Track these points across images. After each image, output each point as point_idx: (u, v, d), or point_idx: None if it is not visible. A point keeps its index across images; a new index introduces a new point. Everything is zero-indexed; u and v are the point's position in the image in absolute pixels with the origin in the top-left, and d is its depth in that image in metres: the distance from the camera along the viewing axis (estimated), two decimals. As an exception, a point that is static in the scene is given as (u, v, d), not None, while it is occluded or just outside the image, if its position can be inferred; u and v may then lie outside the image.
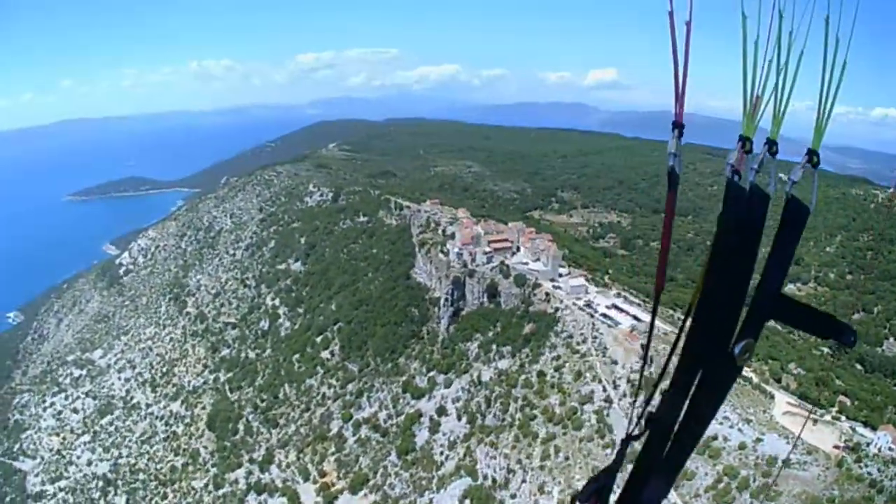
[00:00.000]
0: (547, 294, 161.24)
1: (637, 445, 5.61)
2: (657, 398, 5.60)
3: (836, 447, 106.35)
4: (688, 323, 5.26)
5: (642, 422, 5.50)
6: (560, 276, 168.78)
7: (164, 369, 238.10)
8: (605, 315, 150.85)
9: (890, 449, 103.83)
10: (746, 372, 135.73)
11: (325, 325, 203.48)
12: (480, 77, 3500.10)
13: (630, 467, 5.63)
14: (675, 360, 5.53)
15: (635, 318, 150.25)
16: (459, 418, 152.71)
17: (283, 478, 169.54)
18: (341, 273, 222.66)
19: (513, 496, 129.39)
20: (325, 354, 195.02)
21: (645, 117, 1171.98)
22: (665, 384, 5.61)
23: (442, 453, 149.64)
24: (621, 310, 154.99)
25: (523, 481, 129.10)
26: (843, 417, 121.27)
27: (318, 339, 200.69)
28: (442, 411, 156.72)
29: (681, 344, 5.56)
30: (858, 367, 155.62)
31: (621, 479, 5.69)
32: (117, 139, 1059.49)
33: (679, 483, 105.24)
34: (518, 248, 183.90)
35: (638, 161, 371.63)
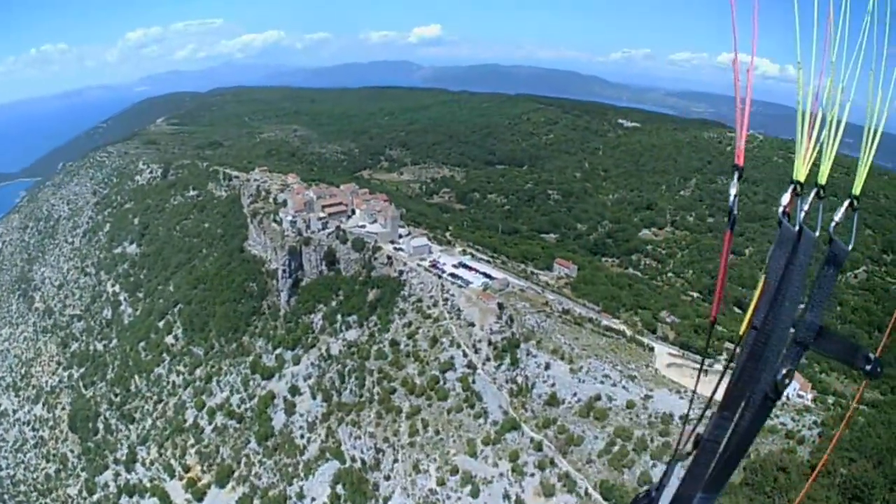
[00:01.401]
0: (389, 257, 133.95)
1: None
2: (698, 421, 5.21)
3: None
4: (738, 352, 4.97)
5: (690, 442, 5.11)
6: (400, 237, 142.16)
7: (23, 371, 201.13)
8: (453, 275, 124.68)
9: (800, 396, 77.94)
10: (617, 325, 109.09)
11: (165, 309, 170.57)
12: (303, 41, 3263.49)
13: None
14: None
15: (486, 275, 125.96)
16: (314, 397, 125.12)
17: (149, 476, 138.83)
18: (176, 252, 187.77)
19: (386, 477, 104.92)
20: (169, 340, 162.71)
21: (469, 71, 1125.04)
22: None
23: (303, 436, 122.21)
24: (470, 268, 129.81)
25: (395, 461, 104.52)
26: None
27: (161, 324, 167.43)
28: (295, 391, 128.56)
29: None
30: (737, 310, 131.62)
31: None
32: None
33: (567, 450, 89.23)
34: (353, 211, 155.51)
35: (466, 114, 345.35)
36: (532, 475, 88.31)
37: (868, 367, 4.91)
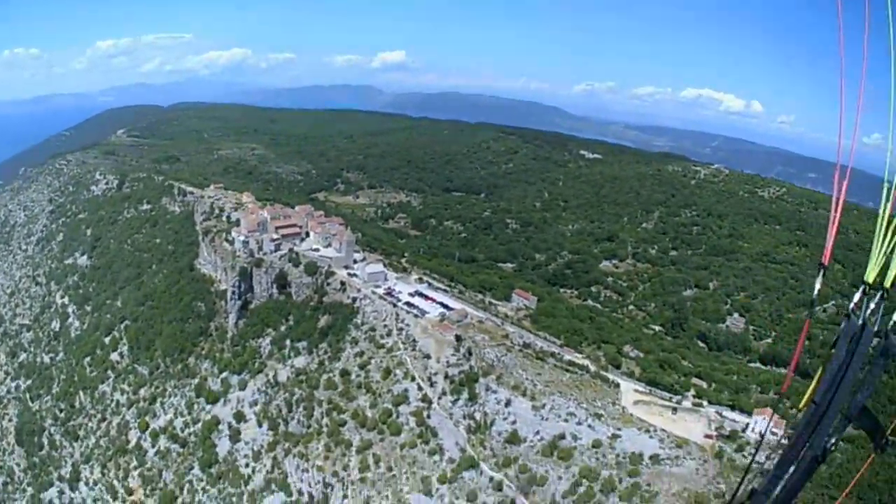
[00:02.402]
0: (342, 283, 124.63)
1: None
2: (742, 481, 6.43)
3: (709, 436, 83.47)
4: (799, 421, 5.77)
5: (745, 495, 6.13)
6: (355, 262, 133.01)
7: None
8: (409, 304, 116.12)
9: (773, 433, 69.00)
10: (580, 360, 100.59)
11: (112, 324, 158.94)
12: (268, 61, 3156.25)
13: None
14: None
15: (443, 305, 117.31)
16: (260, 424, 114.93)
17: (93, 496, 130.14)
18: (126, 266, 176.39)
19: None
20: (114, 356, 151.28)
21: (431, 98, 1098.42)
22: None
23: (248, 465, 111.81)
24: (426, 297, 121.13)
25: (344, 496, 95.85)
26: (706, 403, 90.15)
27: (107, 340, 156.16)
28: (240, 417, 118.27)
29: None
30: (701, 344, 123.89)
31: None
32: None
33: (529, 490, 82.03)
34: (307, 234, 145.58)
35: (426, 141, 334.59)
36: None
37: (880, 447, 5.58)
